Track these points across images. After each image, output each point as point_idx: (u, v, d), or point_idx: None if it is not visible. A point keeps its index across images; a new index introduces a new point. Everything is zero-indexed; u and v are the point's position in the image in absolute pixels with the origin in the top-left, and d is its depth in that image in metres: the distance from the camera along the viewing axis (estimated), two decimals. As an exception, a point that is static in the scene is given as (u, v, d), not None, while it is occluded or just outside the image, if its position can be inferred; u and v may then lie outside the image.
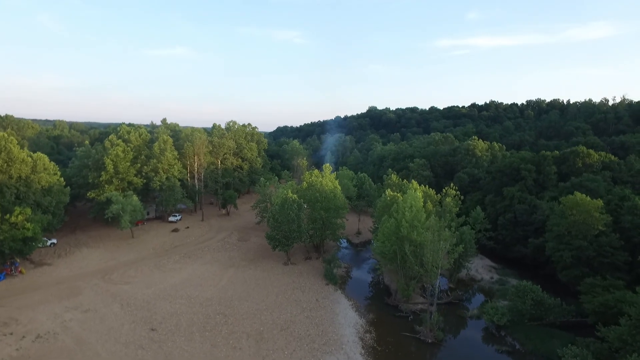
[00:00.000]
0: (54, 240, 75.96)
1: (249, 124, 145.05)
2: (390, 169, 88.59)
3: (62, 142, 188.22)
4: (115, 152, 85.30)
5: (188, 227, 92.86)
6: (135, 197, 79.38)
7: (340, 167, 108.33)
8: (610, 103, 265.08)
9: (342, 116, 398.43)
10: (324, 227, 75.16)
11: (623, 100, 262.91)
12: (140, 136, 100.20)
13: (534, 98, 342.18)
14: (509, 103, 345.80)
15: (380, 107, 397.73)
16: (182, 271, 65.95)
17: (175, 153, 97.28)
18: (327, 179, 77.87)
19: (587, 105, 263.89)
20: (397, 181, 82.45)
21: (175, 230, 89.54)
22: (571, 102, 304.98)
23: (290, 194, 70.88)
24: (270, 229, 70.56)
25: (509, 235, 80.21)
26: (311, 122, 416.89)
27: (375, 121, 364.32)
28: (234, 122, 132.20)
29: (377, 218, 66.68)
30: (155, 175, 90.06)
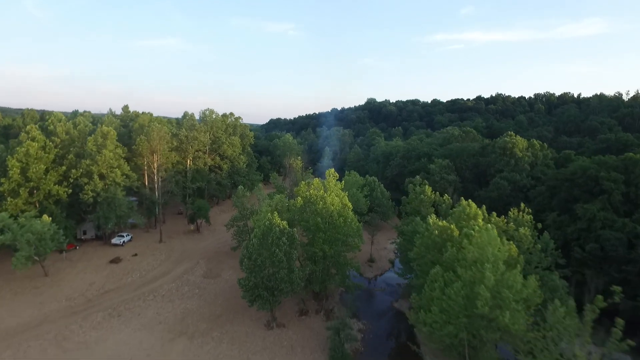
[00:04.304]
0: None
1: (231, 114, 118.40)
2: (418, 177, 63.75)
3: (12, 132, 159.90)
4: (25, 149, 58.88)
5: (136, 255, 66.75)
6: (45, 219, 53.25)
7: (348, 171, 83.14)
8: (625, 97, 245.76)
9: (339, 109, 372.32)
10: (328, 266, 49.96)
11: (638, 94, 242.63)
12: (76, 127, 73.68)
13: (541, 92, 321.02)
14: (517, 96, 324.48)
15: (378, 100, 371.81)
16: (96, 349, 40.20)
17: (121, 151, 70.70)
18: (332, 192, 52.26)
19: (611, 100, 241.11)
20: (432, 196, 57.17)
21: (116, 260, 63.41)
22: (582, 96, 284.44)
23: (277, 219, 45.25)
24: (245, 272, 45.14)
25: (594, 276, 55.75)
26: (306, 115, 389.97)
27: (375, 114, 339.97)
28: (211, 111, 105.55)
29: (416, 260, 41.74)
30: (88, 183, 63.81)
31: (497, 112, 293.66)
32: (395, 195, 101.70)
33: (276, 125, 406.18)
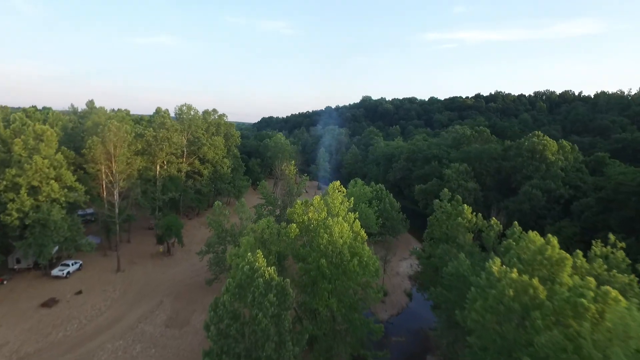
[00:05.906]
0: None
1: (214, 110, 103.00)
2: (446, 190, 49.12)
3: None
4: None
5: (80, 292, 51.17)
6: None
7: (354, 180, 68.49)
8: (627, 94, 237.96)
9: (334, 107, 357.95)
10: (334, 323, 35.13)
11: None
12: (9, 127, 57.78)
13: (540, 89, 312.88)
14: (517, 94, 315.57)
15: (373, 97, 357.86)
16: None
17: (63, 157, 54.85)
18: (340, 215, 37.44)
19: (619, 97, 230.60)
20: (473, 219, 42.61)
21: (50, 302, 47.73)
22: (583, 94, 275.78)
23: (261, 262, 30.27)
24: (211, 343, 30.04)
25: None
26: (299, 113, 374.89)
27: (371, 112, 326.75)
28: (189, 107, 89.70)
29: (474, 332, 27.15)
30: (13, 200, 48.10)
31: (497, 110, 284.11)
32: (399, 201, 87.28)
33: (268, 123, 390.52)
